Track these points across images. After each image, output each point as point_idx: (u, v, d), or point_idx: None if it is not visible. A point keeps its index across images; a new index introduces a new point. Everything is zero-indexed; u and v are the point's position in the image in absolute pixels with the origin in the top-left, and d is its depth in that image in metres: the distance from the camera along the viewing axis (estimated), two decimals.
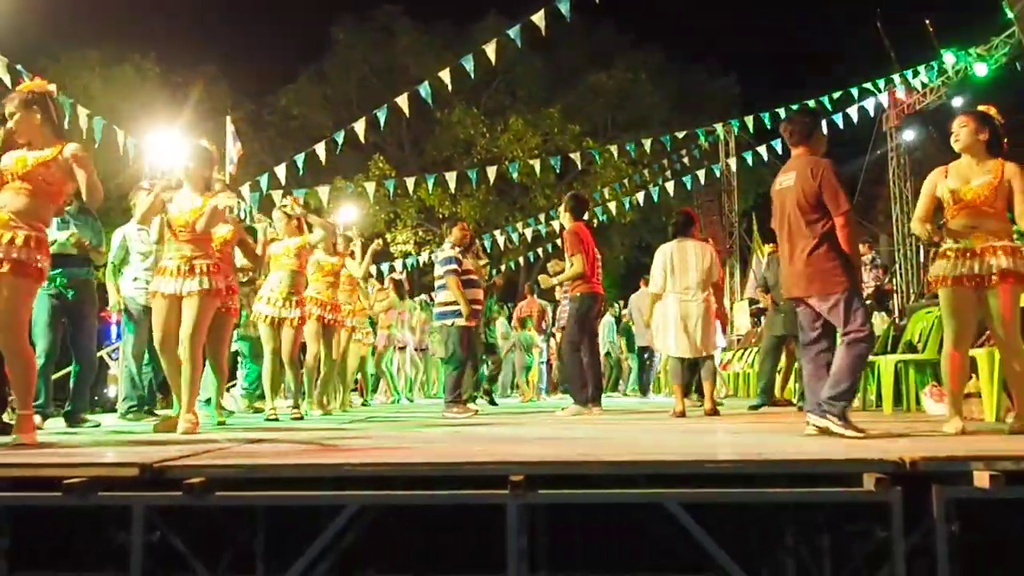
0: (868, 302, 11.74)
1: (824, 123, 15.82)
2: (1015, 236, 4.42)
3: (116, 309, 6.67)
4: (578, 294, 7.16)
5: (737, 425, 5.45)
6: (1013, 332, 4.27)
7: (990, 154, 4.38)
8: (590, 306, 7.15)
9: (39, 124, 4.08)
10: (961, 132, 4.41)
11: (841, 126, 16.18)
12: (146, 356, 6.56)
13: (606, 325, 14.18)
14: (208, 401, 6.55)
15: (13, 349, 3.97)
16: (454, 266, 7.33)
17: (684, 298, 6.77)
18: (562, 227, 7.61)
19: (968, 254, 4.28)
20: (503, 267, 22.94)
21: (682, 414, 6.53)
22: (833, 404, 4.05)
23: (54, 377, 6.27)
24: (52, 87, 4.32)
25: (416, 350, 13.03)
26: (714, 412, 6.60)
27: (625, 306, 15.45)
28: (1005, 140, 4.46)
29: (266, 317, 6.71)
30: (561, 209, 7.47)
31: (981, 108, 4.57)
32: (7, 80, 10.27)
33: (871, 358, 7.23)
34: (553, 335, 14.03)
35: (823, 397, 4.11)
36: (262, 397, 7.46)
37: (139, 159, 13.72)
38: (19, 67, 10.60)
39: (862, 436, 3.93)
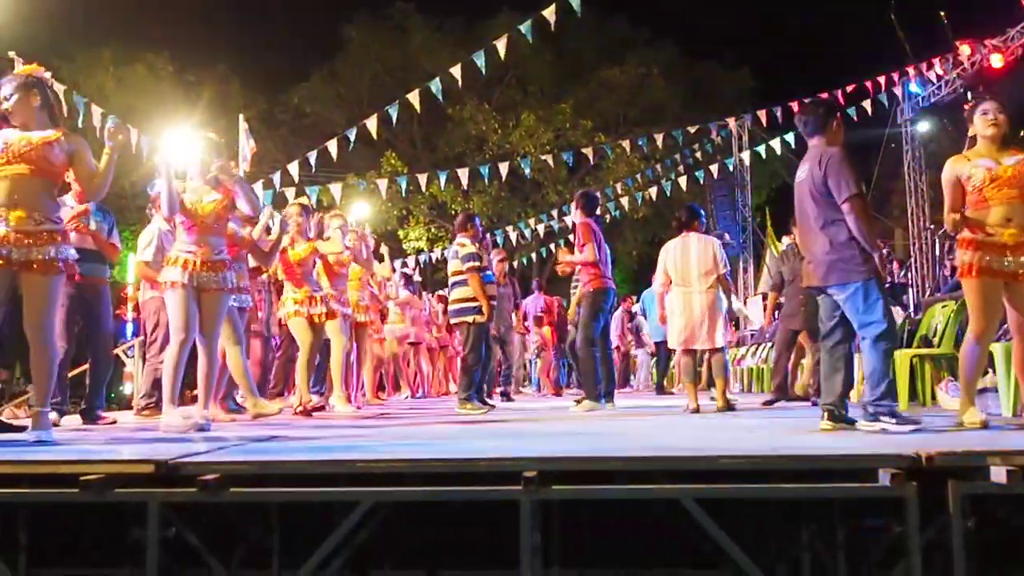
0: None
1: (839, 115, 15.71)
2: None
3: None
4: (591, 290, 7.14)
5: (752, 421, 5.43)
6: None
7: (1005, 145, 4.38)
8: (603, 301, 7.15)
9: (37, 108, 4.08)
10: (1000, 117, 4.36)
11: (855, 119, 16.09)
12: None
13: (616, 320, 14.17)
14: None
15: (41, 345, 3.99)
16: (477, 263, 7.26)
17: (687, 291, 6.77)
18: (574, 224, 7.56)
19: (999, 248, 4.23)
20: (515, 263, 22.95)
21: (696, 411, 6.52)
22: (880, 405, 4.01)
23: (71, 374, 6.32)
24: (47, 73, 4.32)
25: (439, 348, 13.07)
26: (728, 408, 6.58)
27: (638, 301, 15.45)
28: None
29: (294, 314, 6.81)
30: (573, 206, 7.45)
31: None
32: None
33: None
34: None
35: (867, 401, 4.07)
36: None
37: (153, 157, 13.78)
38: None
39: (920, 426, 3.91)
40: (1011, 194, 4.24)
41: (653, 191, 19.86)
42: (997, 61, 15.76)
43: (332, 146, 13.87)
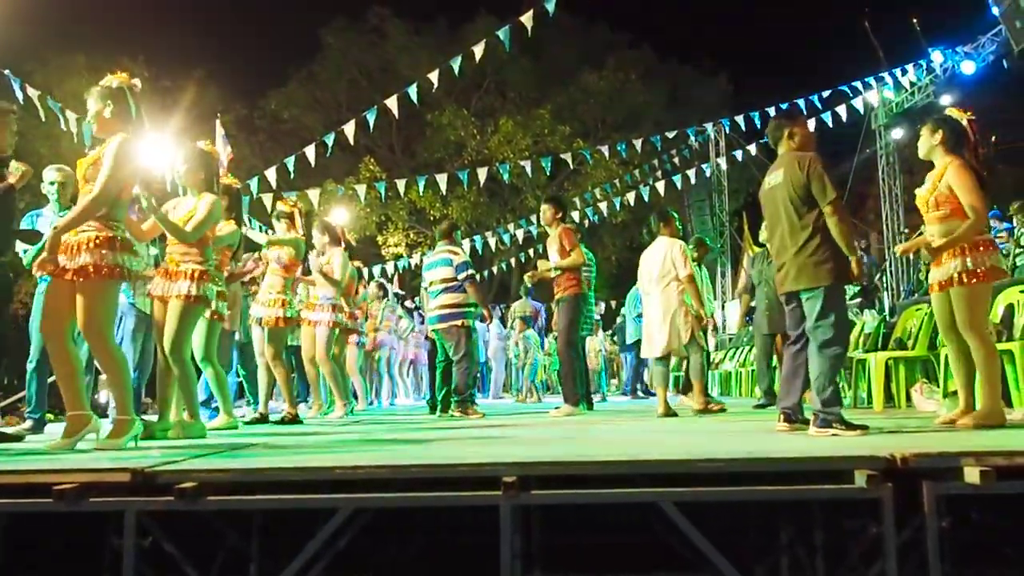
0: (857, 300, 11.81)
1: (813, 122, 15.95)
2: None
3: None
4: (570, 295, 7.15)
5: (730, 424, 5.46)
6: (964, 327, 4.51)
7: (947, 155, 4.55)
8: (580, 306, 7.19)
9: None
10: (919, 142, 4.66)
11: (831, 125, 16.30)
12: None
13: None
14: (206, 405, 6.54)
15: (99, 354, 4.00)
16: (473, 271, 7.49)
17: (645, 297, 6.83)
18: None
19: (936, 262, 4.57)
20: (495, 268, 22.94)
21: (665, 415, 6.42)
22: (829, 412, 4.11)
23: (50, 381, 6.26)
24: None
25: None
26: (704, 411, 6.52)
27: (621, 305, 15.52)
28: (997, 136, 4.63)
29: (258, 320, 6.70)
30: (548, 216, 7.34)
31: (948, 112, 4.74)
32: None
33: (862, 355, 7.27)
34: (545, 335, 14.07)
35: (817, 409, 4.16)
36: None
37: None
38: (7, 72, 10.57)
39: (867, 431, 4.00)
40: (929, 217, 4.57)
41: (631, 196, 19.96)
42: (969, 68, 16.02)
43: (310, 152, 13.84)
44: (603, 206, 20.72)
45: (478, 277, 8.93)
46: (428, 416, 7.71)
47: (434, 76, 12.53)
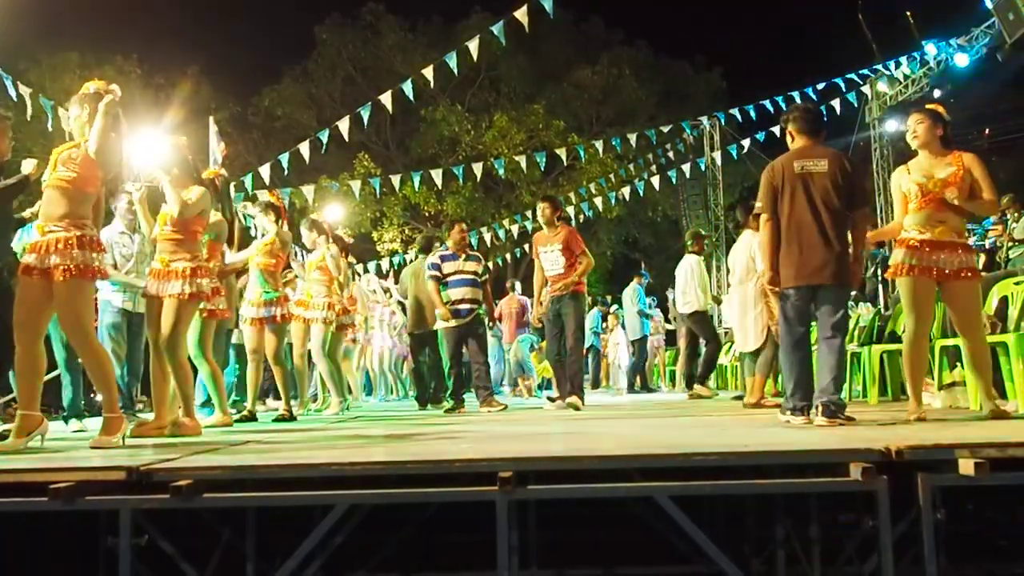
0: (852, 293, 11.86)
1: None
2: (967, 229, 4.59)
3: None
4: (579, 292, 7.19)
5: (726, 418, 5.46)
6: (977, 322, 4.48)
7: (946, 148, 4.53)
8: (585, 303, 7.33)
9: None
10: (919, 128, 4.55)
11: (825, 118, 16.29)
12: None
13: (589, 319, 14.23)
14: (205, 404, 6.51)
15: (83, 351, 4.05)
16: (437, 273, 7.65)
17: (732, 292, 6.95)
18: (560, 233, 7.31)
19: (931, 246, 4.40)
20: (491, 264, 22.89)
21: (755, 405, 6.42)
22: (839, 403, 4.18)
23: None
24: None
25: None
26: (756, 406, 6.39)
27: (614, 302, 15.53)
28: (987, 131, 4.61)
29: (247, 319, 6.66)
30: (547, 215, 7.28)
31: (930, 107, 4.75)
32: None
33: (856, 348, 7.31)
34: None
35: (829, 399, 4.18)
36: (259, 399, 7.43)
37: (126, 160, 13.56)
38: None
39: (854, 423, 4.10)
40: (942, 203, 4.42)
41: (626, 191, 19.95)
42: (962, 60, 16.04)
43: (304, 148, 13.79)
44: (598, 201, 20.68)
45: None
46: (422, 412, 7.71)
47: (429, 72, 12.52)
